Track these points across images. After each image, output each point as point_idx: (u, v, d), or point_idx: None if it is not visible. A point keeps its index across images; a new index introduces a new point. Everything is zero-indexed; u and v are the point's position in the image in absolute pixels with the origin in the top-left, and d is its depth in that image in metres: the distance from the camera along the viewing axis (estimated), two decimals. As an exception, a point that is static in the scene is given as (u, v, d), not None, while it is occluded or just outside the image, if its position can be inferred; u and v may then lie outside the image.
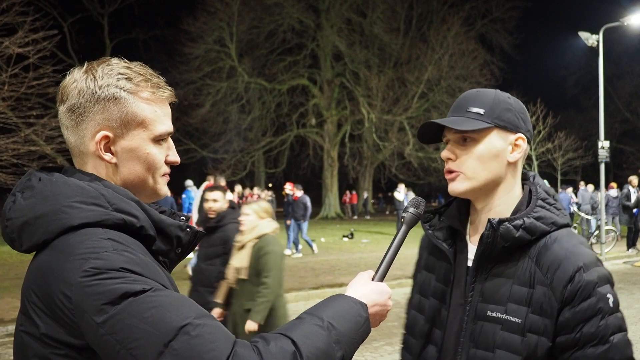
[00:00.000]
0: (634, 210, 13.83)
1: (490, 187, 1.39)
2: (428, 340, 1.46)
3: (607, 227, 14.56)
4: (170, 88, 1.19)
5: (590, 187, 17.07)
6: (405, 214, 1.42)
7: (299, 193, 13.32)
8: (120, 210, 1.06)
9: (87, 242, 0.98)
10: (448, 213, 1.49)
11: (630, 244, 14.05)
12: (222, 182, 12.07)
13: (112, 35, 30.57)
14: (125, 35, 31.38)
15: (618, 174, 35.90)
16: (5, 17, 9.33)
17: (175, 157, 1.21)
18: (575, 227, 15.38)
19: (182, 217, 1.23)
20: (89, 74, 1.12)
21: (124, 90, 1.12)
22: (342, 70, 31.09)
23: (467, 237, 1.46)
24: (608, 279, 1.29)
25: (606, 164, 14.54)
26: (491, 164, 1.36)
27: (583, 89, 38.70)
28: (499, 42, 33.09)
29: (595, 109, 19.37)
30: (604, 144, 14.19)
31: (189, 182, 13.62)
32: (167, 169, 1.20)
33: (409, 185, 22.98)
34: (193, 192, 12.98)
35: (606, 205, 15.25)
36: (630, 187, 14.07)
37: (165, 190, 1.22)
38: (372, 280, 1.29)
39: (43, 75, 9.54)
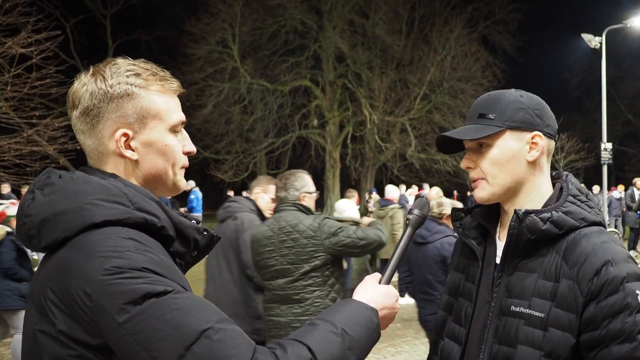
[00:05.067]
0: (637, 212, 13.83)
1: (513, 190, 1.38)
2: (454, 340, 1.45)
3: (610, 229, 14.52)
4: (176, 80, 1.21)
5: (596, 188, 16.93)
6: (410, 216, 1.42)
7: None
8: (141, 209, 1.05)
9: (108, 241, 0.98)
10: (478, 211, 1.50)
11: (631, 245, 14.02)
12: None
13: (115, 36, 30.58)
14: (127, 36, 31.37)
15: (620, 176, 35.83)
16: (8, 17, 9.33)
17: (191, 147, 1.22)
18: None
19: (193, 220, 1.22)
20: (98, 75, 1.12)
21: (135, 86, 1.13)
22: (345, 72, 31.08)
23: (497, 235, 1.46)
24: (639, 277, 1.23)
25: (608, 166, 14.54)
26: (509, 167, 1.35)
27: (585, 91, 38.60)
28: (502, 43, 33.02)
29: (598, 111, 19.35)
30: (606, 146, 14.20)
31: (191, 183, 13.62)
32: (185, 161, 1.21)
33: (410, 187, 22.90)
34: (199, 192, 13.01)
35: (609, 207, 15.23)
36: (635, 189, 14.07)
37: (184, 184, 1.23)
38: (380, 283, 1.30)
39: (46, 75, 9.54)
